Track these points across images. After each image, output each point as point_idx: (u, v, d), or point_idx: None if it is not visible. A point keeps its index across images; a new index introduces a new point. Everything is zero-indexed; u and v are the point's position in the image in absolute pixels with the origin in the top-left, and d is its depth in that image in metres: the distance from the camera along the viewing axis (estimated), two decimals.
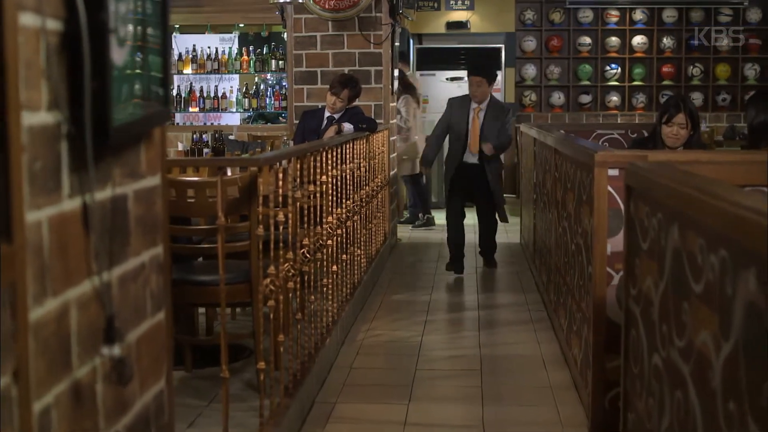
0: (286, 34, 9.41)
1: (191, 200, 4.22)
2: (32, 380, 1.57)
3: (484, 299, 7.12)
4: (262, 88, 11.60)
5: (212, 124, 11.35)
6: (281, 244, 4.19)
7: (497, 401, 4.74)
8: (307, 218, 4.78)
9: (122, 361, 1.87)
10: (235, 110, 11.56)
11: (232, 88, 11.64)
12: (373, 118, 7.95)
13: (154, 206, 2.16)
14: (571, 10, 13.71)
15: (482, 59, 12.39)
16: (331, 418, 4.48)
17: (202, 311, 5.48)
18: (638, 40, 13.71)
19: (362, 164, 6.96)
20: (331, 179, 5.36)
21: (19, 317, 1.52)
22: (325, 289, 5.27)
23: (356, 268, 6.58)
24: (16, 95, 1.49)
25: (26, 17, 1.52)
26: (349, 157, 6.15)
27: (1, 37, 1.44)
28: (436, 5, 13.18)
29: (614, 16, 13.71)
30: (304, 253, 4.65)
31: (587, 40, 13.74)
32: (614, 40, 13.72)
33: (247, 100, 11.45)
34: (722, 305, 1.97)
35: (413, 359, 5.46)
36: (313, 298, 4.94)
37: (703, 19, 13.61)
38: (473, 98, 7.96)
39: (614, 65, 13.77)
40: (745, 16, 13.59)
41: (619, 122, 12.94)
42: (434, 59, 13.02)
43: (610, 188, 4.15)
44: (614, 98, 13.78)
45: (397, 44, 9.36)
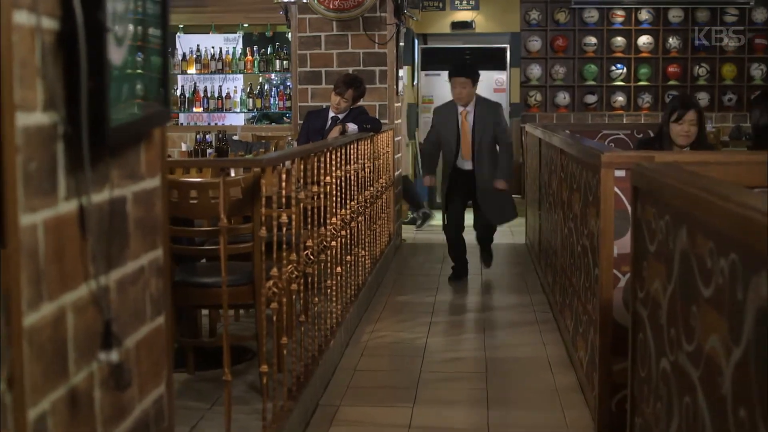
0: (290, 34, 9.37)
1: (194, 201, 4.19)
2: (27, 387, 1.53)
3: (489, 300, 7.09)
4: (266, 88, 11.57)
5: (216, 124, 11.31)
6: (284, 245, 4.15)
7: (503, 404, 4.71)
8: (310, 219, 4.75)
9: (120, 366, 1.83)
10: (239, 110, 11.53)
11: (236, 88, 11.61)
12: (377, 118, 7.91)
13: (153, 208, 2.12)
14: (576, 10, 13.64)
15: (462, 59, 12.15)
16: (334, 421, 4.45)
17: (205, 313, 5.45)
18: (644, 40, 13.64)
19: (367, 165, 6.92)
20: (335, 180, 5.33)
21: (13, 323, 1.49)
22: (329, 290, 5.24)
23: (360, 269, 6.54)
24: (10, 95, 1.45)
25: (21, 15, 1.49)
26: (353, 157, 6.12)
27: None
28: (440, 5, 13.12)
29: (620, 16, 13.64)
30: (307, 254, 4.62)
31: (593, 40, 13.67)
32: (620, 40, 13.66)
33: (251, 100, 11.41)
34: (732, 310, 1.93)
35: (418, 361, 5.43)
36: (316, 299, 4.91)
37: (709, 19, 13.54)
38: (458, 101, 7.57)
39: (620, 65, 13.71)
40: (751, 16, 13.51)
41: (624, 122, 12.88)
42: (439, 59, 12.95)
43: (616, 189, 4.11)
44: (620, 98, 13.71)
45: (401, 44, 9.32)
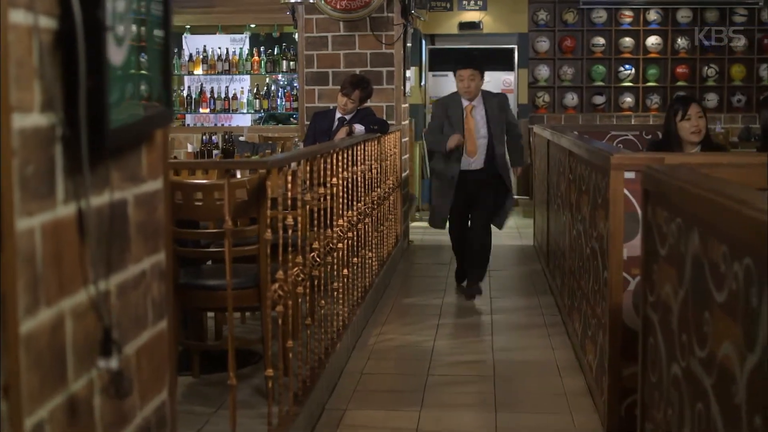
0: (297, 34, 9.34)
1: (199, 203, 4.15)
2: (24, 395, 1.49)
3: (496, 303, 7.03)
4: (273, 89, 11.54)
5: (223, 125, 11.28)
6: (290, 248, 4.11)
7: (511, 408, 4.67)
8: (317, 221, 4.71)
9: (120, 373, 1.79)
10: (245, 111, 11.50)
11: (243, 89, 11.58)
12: (384, 119, 7.87)
13: (155, 211, 2.08)
14: (584, 10, 13.60)
15: (469, 52, 11.50)
16: (341, 425, 4.41)
17: (211, 315, 5.41)
18: (652, 40, 13.59)
19: (374, 166, 6.89)
20: (341, 181, 5.29)
21: (9, 330, 1.45)
22: (335, 293, 5.20)
23: (367, 271, 6.50)
24: (6, 96, 1.41)
25: (17, 14, 1.45)
26: (360, 158, 6.08)
27: None
28: (448, 5, 13.08)
29: (628, 16, 13.59)
30: (314, 256, 4.58)
31: (601, 40, 13.62)
32: (628, 40, 13.61)
33: (258, 101, 11.38)
34: (747, 316, 1.89)
35: (425, 364, 5.38)
36: (323, 302, 4.87)
37: (717, 19, 13.48)
38: (465, 94, 7.16)
39: (628, 66, 13.65)
40: (759, 16, 13.45)
41: (633, 123, 12.83)
42: (446, 60, 12.91)
43: (626, 191, 4.06)
44: (628, 99, 13.66)
45: (409, 45, 9.28)
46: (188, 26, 12.03)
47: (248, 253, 4.18)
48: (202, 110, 11.46)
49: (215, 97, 11.42)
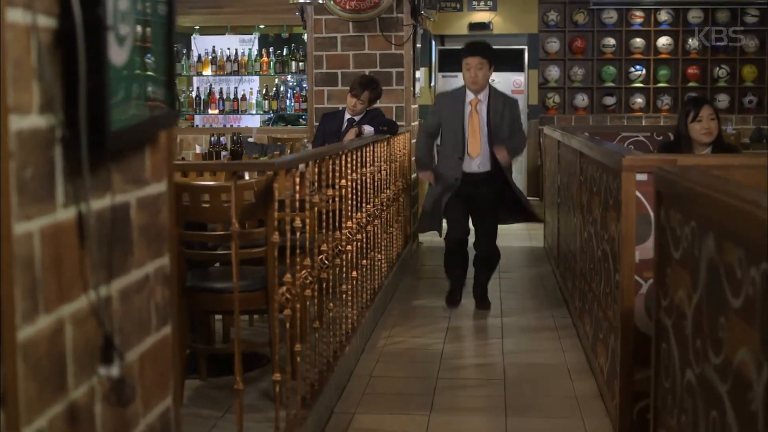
0: (306, 35, 9.31)
1: (206, 205, 4.11)
2: (22, 404, 1.45)
3: (507, 305, 6.98)
4: (282, 89, 11.50)
5: (232, 126, 11.25)
6: (298, 250, 4.06)
7: (521, 412, 4.62)
8: (325, 223, 4.67)
9: (122, 380, 1.75)
10: (254, 112, 11.46)
11: (252, 89, 11.54)
12: (394, 120, 7.82)
13: (159, 214, 2.04)
14: (594, 11, 13.53)
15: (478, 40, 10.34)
16: (349, 429, 4.37)
17: (219, 317, 5.38)
18: (663, 41, 13.52)
19: (383, 167, 6.84)
20: (350, 183, 5.24)
21: (6, 337, 1.41)
22: (344, 295, 5.16)
23: (376, 273, 6.46)
24: (3, 97, 1.38)
25: (15, 13, 1.41)
26: (369, 160, 6.03)
27: None
28: (458, 6, 13.03)
29: (639, 17, 13.53)
30: (322, 259, 4.54)
31: (611, 41, 13.56)
32: (639, 41, 13.54)
33: (267, 101, 11.34)
34: (764, 322, 1.84)
35: (435, 367, 5.34)
36: (331, 305, 4.83)
37: (729, 19, 13.41)
38: (472, 86, 6.55)
39: (639, 67, 13.59)
40: None
41: (643, 124, 12.77)
42: (456, 61, 12.81)
43: (638, 193, 4.01)
44: (639, 100, 13.59)
45: (418, 45, 9.23)
46: (197, 27, 12.00)
47: (256, 255, 4.14)
48: (210, 111, 11.43)
49: (224, 98, 11.39)
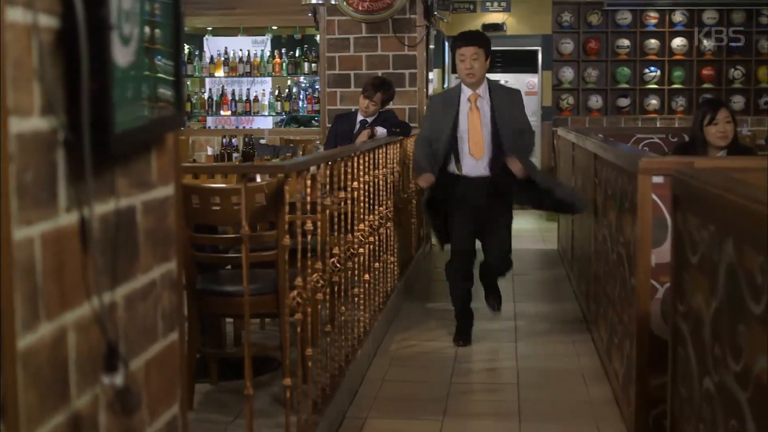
0: (319, 36, 9.27)
1: (216, 208, 4.07)
2: (22, 414, 1.41)
3: (520, 308, 6.92)
4: (294, 91, 11.48)
5: (244, 127, 11.23)
6: (309, 253, 4.02)
7: (535, 417, 4.57)
8: (337, 226, 4.62)
9: (126, 389, 1.71)
10: (267, 114, 11.44)
11: (264, 91, 11.52)
12: (407, 122, 7.77)
13: (166, 218, 2.00)
14: (609, 12, 13.48)
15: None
16: None
17: (230, 320, 5.34)
18: (677, 42, 13.45)
19: (396, 169, 6.80)
20: (362, 185, 5.20)
21: (5, 345, 1.37)
22: (356, 298, 5.11)
23: (389, 275, 6.41)
24: (3, 99, 1.33)
25: (15, 13, 1.37)
26: (381, 162, 5.99)
27: None
28: (471, 7, 12.99)
29: (653, 17, 13.46)
30: (334, 262, 4.49)
31: (625, 42, 13.50)
32: (653, 42, 13.48)
33: (279, 103, 11.32)
34: None
35: (448, 372, 5.29)
36: (343, 308, 4.78)
37: (744, 20, 13.33)
38: (468, 79, 5.83)
39: (653, 68, 13.52)
40: None
41: (658, 126, 12.69)
42: None
43: (654, 196, 3.96)
44: (653, 101, 13.53)
45: (431, 47, 9.18)
46: (210, 28, 11.99)
47: (266, 258, 4.10)
48: (223, 113, 11.42)
49: (236, 99, 11.37)
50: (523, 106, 6.05)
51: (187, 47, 11.37)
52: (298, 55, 11.30)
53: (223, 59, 11.40)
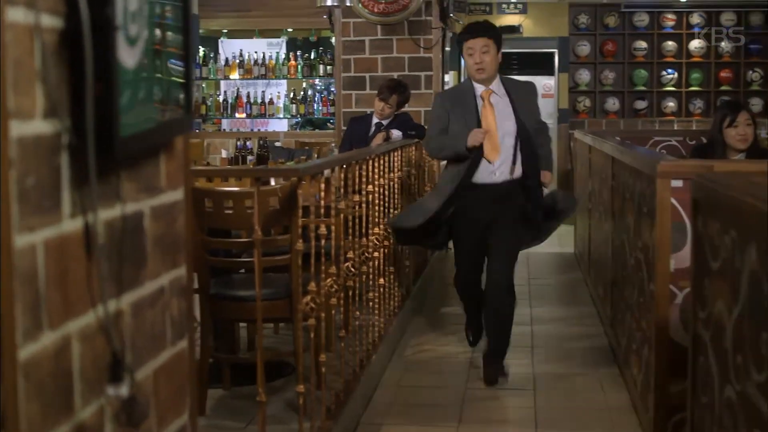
0: (334, 38, 9.24)
1: (229, 211, 4.03)
2: (23, 426, 1.37)
3: (536, 313, 6.86)
4: (309, 93, 11.44)
5: (259, 130, 11.20)
6: (323, 258, 3.97)
7: (552, 423, 4.52)
8: (351, 230, 4.58)
9: (133, 399, 1.66)
10: (282, 116, 11.41)
11: (279, 93, 11.49)
12: (422, 124, 7.72)
13: (175, 223, 1.96)
14: (626, 13, 13.39)
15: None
16: None
17: (243, 325, 5.30)
18: (695, 44, 13.35)
19: (411, 172, 6.75)
20: (377, 188, 5.14)
21: (6, 356, 1.33)
22: (371, 302, 5.06)
23: (404, 279, 6.36)
24: (3, 102, 1.29)
25: (16, 13, 1.32)
26: (397, 165, 5.94)
27: None
28: (487, 9, 12.93)
29: (671, 19, 13.37)
30: (348, 266, 4.44)
31: (643, 44, 13.40)
32: (671, 44, 13.37)
33: (294, 105, 11.28)
34: None
35: (463, 377, 5.23)
36: (358, 313, 4.74)
37: (762, 22, 13.22)
38: (478, 74, 5.18)
39: (671, 70, 13.42)
40: None
41: (675, 129, 12.60)
42: None
43: (673, 200, 3.90)
44: (671, 104, 13.43)
45: (447, 49, 9.14)
46: (225, 30, 11.98)
47: (280, 263, 4.06)
48: (238, 115, 11.39)
49: (251, 101, 11.34)
50: (537, 103, 5.45)
51: (202, 49, 11.36)
52: (313, 57, 11.26)
53: (238, 61, 11.37)
